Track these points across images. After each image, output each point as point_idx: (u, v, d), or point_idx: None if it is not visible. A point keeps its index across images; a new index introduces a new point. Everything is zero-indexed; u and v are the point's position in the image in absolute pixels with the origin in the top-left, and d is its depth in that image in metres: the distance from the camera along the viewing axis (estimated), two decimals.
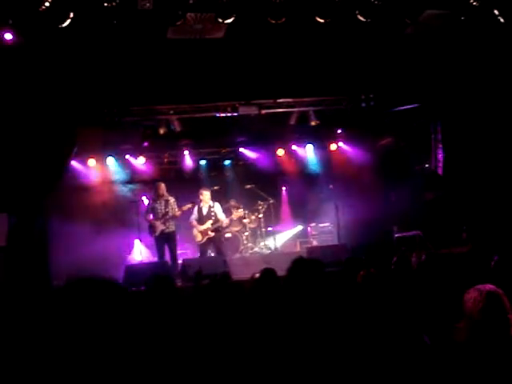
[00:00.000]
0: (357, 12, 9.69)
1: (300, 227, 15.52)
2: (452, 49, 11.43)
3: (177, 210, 13.19)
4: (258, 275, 7.53)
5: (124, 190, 15.54)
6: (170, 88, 12.91)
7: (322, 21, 9.68)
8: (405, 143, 14.91)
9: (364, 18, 9.72)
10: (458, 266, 8.27)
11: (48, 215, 12.96)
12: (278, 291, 5.63)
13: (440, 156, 13.54)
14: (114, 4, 8.76)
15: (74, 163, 14.47)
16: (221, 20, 9.60)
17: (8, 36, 9.01)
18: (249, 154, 16.70)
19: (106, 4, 8.75)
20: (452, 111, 13.16)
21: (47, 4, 8.35)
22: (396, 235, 14.14)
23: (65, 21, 8.84)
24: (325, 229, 15.66)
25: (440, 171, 13.67)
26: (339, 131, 15.32)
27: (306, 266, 4.49)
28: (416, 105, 13.93)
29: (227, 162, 16.98)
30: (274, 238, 15.33)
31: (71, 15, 8.85)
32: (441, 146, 13.49)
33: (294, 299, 4.68)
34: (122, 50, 10.78)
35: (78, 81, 11.28)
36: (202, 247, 13.76)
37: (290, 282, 4.82)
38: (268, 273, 6.55)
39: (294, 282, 4.74)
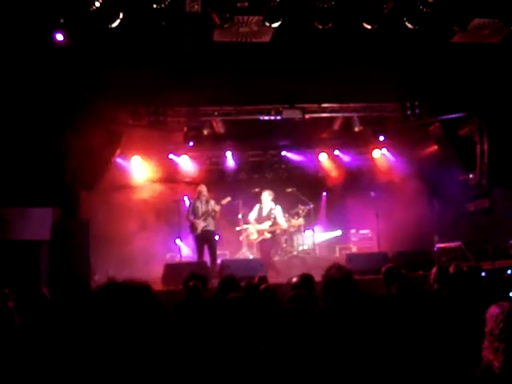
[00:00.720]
0: (405, 19, 9.59)
1: (339, 232, 15.44)
2: (501, 59, 11.22)
3: (216, 206, 13.28)
4: (295, 279, 7.52)
5: (166, 189, 15.72)
6: (215, 89, 13.02)
7: (369, 27, 9.61)
8: (450, 153, 14.67)
9: (412, 25, 9.62)
10: (498, 280, 8.14)
11: (92, 211, 13.20)
12: (313, 299, 5.62)
13: (485, 167, 13.30)
14: (162, 6, 8.87)
15: (118, 161, 14.70)
16: (268, 24, 9.62)
17: (59, 37, 9.19)
18: (291, 157, 16.71)
19: (155, 6, 8.87)
20: (499, 122, 12.93)
21: (97, 4, 8.51)
22: (437, 245, 13.95)
23: (114, 21, 8.99)
24: (365, 235, 15.56)
25: (484, 182, 13.43)
26: (383, 138, 15.15)
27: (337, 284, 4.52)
28: (462, 114, 13.73)
29: (269, 165, 17.01)
30: (313, 241, 15.30)
31: (121, 15, 9.00)
32: (486, 156, 13.25)
33: (328, 308, 4.69)
34: (169, 50, 10.90)
35: (125, 80, 11.44)
36: (261, 246, 13.81)
37: (325, 289, 4.84)
38: (306, 279, 6.54)
39: (328, 290, 4.76)
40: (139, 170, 15.37)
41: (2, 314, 4.48)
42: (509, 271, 7.07)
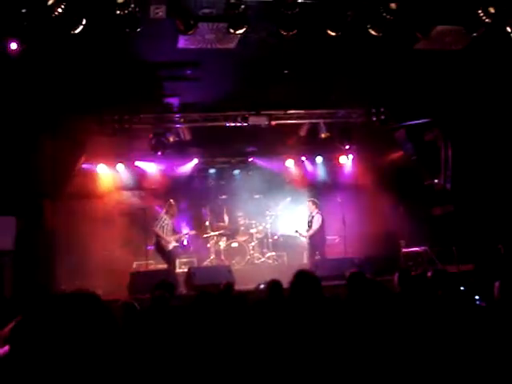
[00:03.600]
0: (368, 26, 9.67)
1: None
2: (464, 65, 11.39)
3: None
4: (262, 286, 7.51)
5: (133, 197, 15.58)
6: (181, 96, 12.97)
7: (333, 34, 9.66)
8: (415, 158, 14.83)
9: (376, 32, 9.70)
10: (464, 283, 8.21)
11: (57, 220, 13.03)
12: (282, 304, 5.62)
13: (449, 172, 13.47)
14: (126, 12, 8.78)
15: (83, 169, 14.52)
16: (232, 31, 9.61)
17: (13, 46, 8.99)
18: (258, 164, 16.71)
19: (118, 12, 8.78)
20: (463, 127, 13.11)
21: (60, 10, 8.39)
22: (403, 250, 14.07)
23: (77, 27, 8.88)
24: (332, 241, 15.60)
25: (449, 187, 13.60)
26: (348, 145, 15.24)
27: (304, 283, 4.51)
28: (427, 120, 13.89)
29: (236, 172, 16.99)
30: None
31: (84, 22, 8.88)
32: (450, 161, 13.43)
33: (296, 314, 4.69)
34: (134, 57, 10.83)
35: (89, 87, 11.32)
36: (309, 251, 14.16)
37: (292, 296, 4.84)
38: (274, 285, 6.53)
39: (295, 296, 4.76)
40: (105, 178, 15.20)
41: None
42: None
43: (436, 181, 14.38)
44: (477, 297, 6.86)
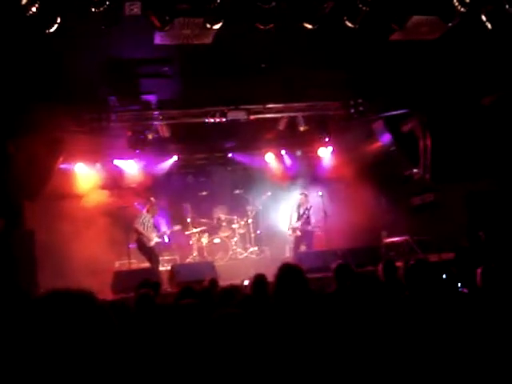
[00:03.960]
0: (345, 18, 9.68)
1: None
2: (440, 55, 11.45)
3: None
4: (247, 282, 7.49)
5: (113, 196, 15.47)
6: (158, 93, 12.90)
7: (310, 26, 9.65)
8: (394, 149, 14.91)
9: (352, 24, 9.71)
10: (447, 272, 8.27)
11: (36, 221, 12.91)
12: (267, 298, 5.62)
13: (428, 162, 13.55)
14: (101, 9, 8.69)
15: (62, 168, 14.37)
16: (209, 25, 9.56)
17: None
18: (238, 159, 16.69)
19: (93, 9, 8.68)
20: (440, 117, 13.20)
21: (34, 9, 8.27)
22: (385, 240, 14.16)
23: (52, 26, 8.77)
24: (314, 234, 15.64)
25: (428, 177, 13.69)
26: (327, 137, 15.28)
27: (289, 276, 4.51)
28: (405, 110, 13.96)
29: (216, 168, 16.96)
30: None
31: (58, 20, 8.77)
32: (429, 151, 13.51)
33: (281, 307, 4.69)
34: (111, 54, 10.75)
35: (66, 86, 11.21)
36: (294, 243, 14.44)
37: (277, 289, 4.83)
38: (259, 279, 6.53)
39: (281, 289, 4.75)
40: (84, 177, 15.07)
41: None
42: None
43: (415, 171, 14.47)
44: (459, 284, 6.93)
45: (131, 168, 15.61)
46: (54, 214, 13.66)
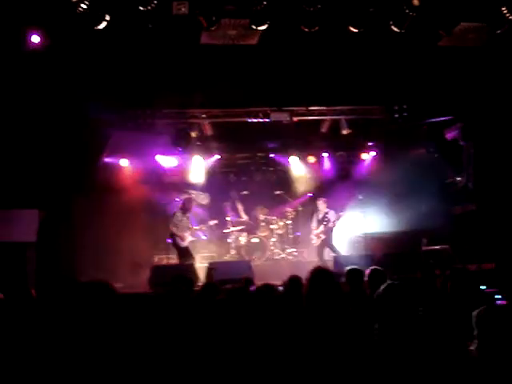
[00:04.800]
0: (391, 22, 9.64)
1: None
2: (486, 62, 11.29)
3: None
4: (282, 282, 7.50)
5: (154, 192, 15.67)
6: (203, 92, 13.03)
7: (355, 30, 9.66)
8: (437, 156, 14.73)
9: (398, 28, 9.66)
10: (485, 282, 8.16)
11: (79, 213, 13.18)
12: (301, 300, 5.64)
13: (471, 170, 13.36)
14: (149, 8, 8.86)
15: (106, 163, 14.65)
16: (254, 27, 9.65)
17: (35, 39, 9.12)
18: (279, 160, 16.73)
19: (141, 8, 8.86)
20: (485, 125, 13.00)
21: (84, 6, 8.49)
22: (423, 248, 13.98)
23: (101, 23, 8.98)
24: (352, 238, 15.57)
25: (471, 185, 13.49)
26: (370, 141, 15.20)
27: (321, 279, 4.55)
28: (449, 117, 13.79)
29: (257, 168, 17.02)
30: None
31: (107, 18, 8.99)
32: (473, 160, 13.32)
33: (312, 310, 4.72)
34: (157, 53, 10.91)
35: (113, 82, 11.43)
36: (318, 249, 14.33)
37: (309, 292, 4.87)
38: (293, 280, 6.54)
39: (312, 293, 4.79)
40: (127, 172, 15.31)
41: None
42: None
43: (458, 179, 14.26)
44: (498, 296, 6.83)
45: (173, 164, 15.77)
46: (97, 207, 13.90)
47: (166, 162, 15.67)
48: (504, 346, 3.96)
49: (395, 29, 9.69)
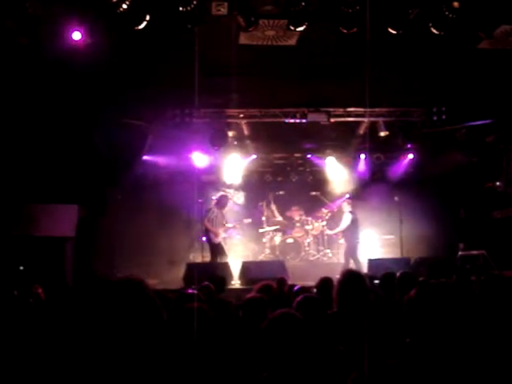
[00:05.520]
0: (430, 24, 9.55)
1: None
2: None
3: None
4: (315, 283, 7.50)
5: (190, 189, 15.81)
6: (241, 92, 13.09)
7: (394, 32, 9.60)
8: (476, 159, 14.54)
9: (437, 30, 9.57)
10: None
11: (117, 209, 13.39)
12: (331, 301, 5.64)
13: (511, 175, 13.15)
14: (188, 8, 8.96)
15: (144, 159, 14.84)
16: (292, 28, 9.67)
17: (77, 35, 9.29)
18: (316, 161, 16.72)
19: (181, 8, 8.96)
20: None
21: (125, 6, 8.63)
22: (460, 253, 13.82)
23: (141, 23, 9.12)
24: (388, 241, 15.49)
25: (510, 190, 13.28)
26: (409, 143, 15.08)
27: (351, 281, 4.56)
28: (489, 121, 13.60)
29: (294, 168, 17.03)
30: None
31: (147, 18, 9.12)
32: None
33: (342, 312, 4.74)
34: (195, 53, 10.99)
35: (152, 80, 11.58)
36: (348, 251, 14.37)
37: (340, 294, 4.89)
38: (325, 282, 6.55)
39: (343, 295, 4.81)
40: (164, 169, 15.48)
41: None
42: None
43: (497, 183, 14.06)
44: None
45: (210, 163, 15.89)
46: (134, 204, 14.11)
47: (203, 160, 15.79)
48: None
49: (435, 31, 9.59)
